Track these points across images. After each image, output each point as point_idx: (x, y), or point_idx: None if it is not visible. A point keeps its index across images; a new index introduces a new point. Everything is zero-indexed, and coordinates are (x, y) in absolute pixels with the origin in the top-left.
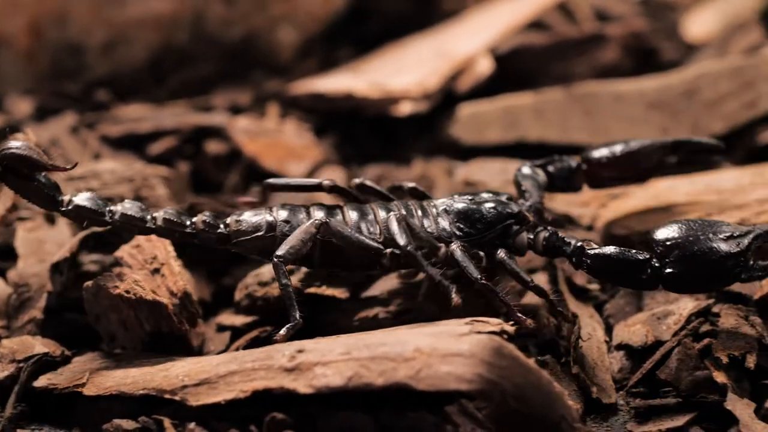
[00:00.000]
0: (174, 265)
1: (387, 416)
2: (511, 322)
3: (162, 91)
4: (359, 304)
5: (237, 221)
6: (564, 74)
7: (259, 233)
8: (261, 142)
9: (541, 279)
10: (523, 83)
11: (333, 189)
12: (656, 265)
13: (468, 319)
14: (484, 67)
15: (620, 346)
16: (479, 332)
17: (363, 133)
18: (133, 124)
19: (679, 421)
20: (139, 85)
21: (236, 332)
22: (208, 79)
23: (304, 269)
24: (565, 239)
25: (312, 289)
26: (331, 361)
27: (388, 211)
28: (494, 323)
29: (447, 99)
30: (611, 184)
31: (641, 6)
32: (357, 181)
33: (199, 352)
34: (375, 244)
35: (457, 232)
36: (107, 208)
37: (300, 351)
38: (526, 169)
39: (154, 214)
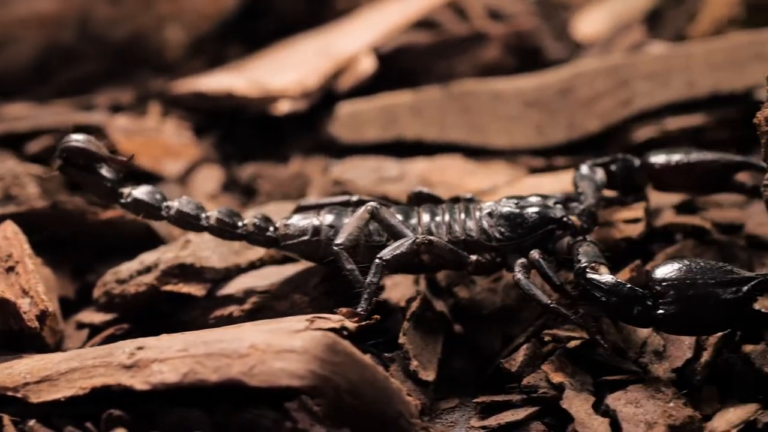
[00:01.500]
0: (28, 264)
1: (223, 412)
2: (354, 320)
3: (47, 90)
4: (216, 302)
5: (285, 225)
6: (447, 73)
7: (305, 237)
8: (137, 140)
9: None
10: (406, 82)
11: (361, 202)
12: (650, 304)
13: (309, 316)
14: (367, 66)
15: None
16: (318, 329)
17: (245, 131)
18: (12, 123)
19: (519, 415)
20: (24, 84)
21: (94, 330)
22: (94, 78)
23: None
24: (581, 255)
25: (168, 287)
26: (168, 357)
27: (433, 214)
28: (335, 320)
29: (329, 98)
30: (675, 190)
31: (535, 5)
32: (416, 190)
33: (56, 350)
34: (408, 233)
35: (498, 236)
36: (164, 203)
37: (140, 348)
38: (585, 169)
39: (208, 213)
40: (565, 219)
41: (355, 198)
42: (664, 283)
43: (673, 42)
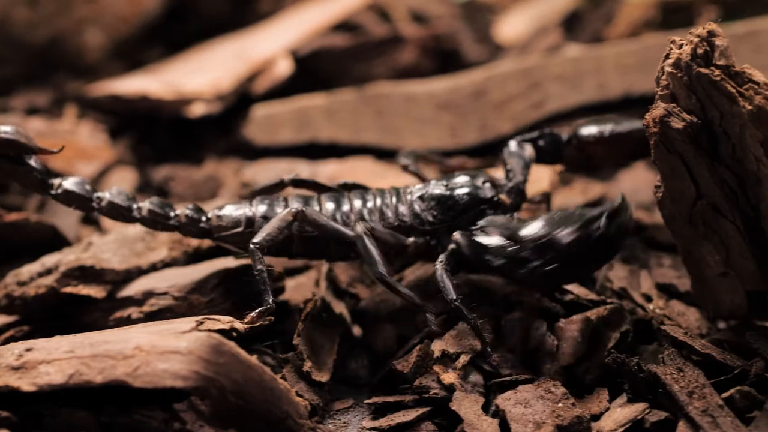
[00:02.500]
0: None
1: (110, 413)
2: (245, 321)
3: None
4: (116, 304)
5: (218, 216)
6: (364, 75)
7: (239, 229)
8: (51, 143)
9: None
10: (324, 84)
11: (298, 183)
12: (535, 264)
13: (200, 317)
14: (283, 68)
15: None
16: (208, 330)
17: (162, 134)
18: None
19: (410, 416)
20: None
21: None
22: (12, 81)
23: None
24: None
25: (68, 289)
26: (55, 359)
27: (364, 200)
28: (224, 321)
29: (245, 100)
30: (599, 162)
31: (459, 8)
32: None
33: None
34: (348, 233)
35: (430, 219)
36: (95, 195)
37: (28, 350)
38: (513, 146)
39: (140, 204)
40: (494, 198)
41: (287, 178)
42: (538, 241)
43: (591, 44)
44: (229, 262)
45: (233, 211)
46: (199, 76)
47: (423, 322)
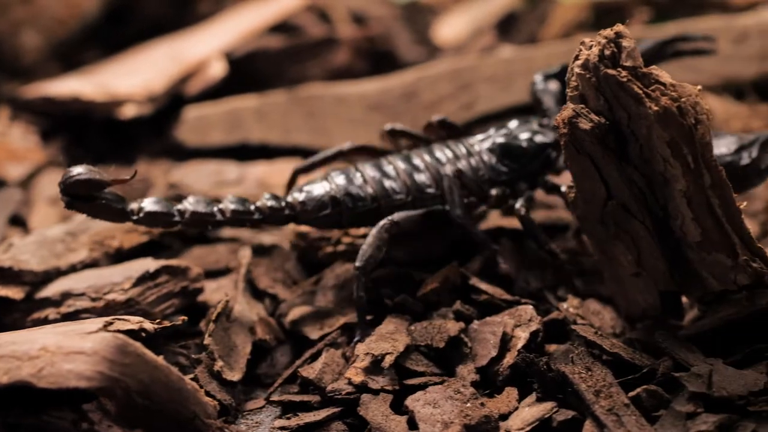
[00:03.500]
0: None
1: (16, 414)
2: (156, 322)
3: None
4: (34, 305)
5: (301, 202)
6: (299, 77)
7: (326, 211)
8: None
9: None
10: (259, 86)
11: (356, 150)
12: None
13: (110, 318)
14: (217, 70)
15: (293, 336)
16: (117, 330)
17: (95, 135)
18: None
19: (320, 415)
20: None
21: None
22: None
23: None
24: None
25: None
26: None
27: (434, 156)
28: (134, 321)
29: (180, 102)
30: None
31: (400, 9)
32: (388, 126)
33: None
34: (440, 208)
35: (504, 169)
36: (175, 209)
37: None
38: (540, 83)
39: (220, 207)
40: (557, 140)
41: (346, 146)
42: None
43: (523, 45)
44: (148, 263)
45: (314, 191)
46: (132, 77)
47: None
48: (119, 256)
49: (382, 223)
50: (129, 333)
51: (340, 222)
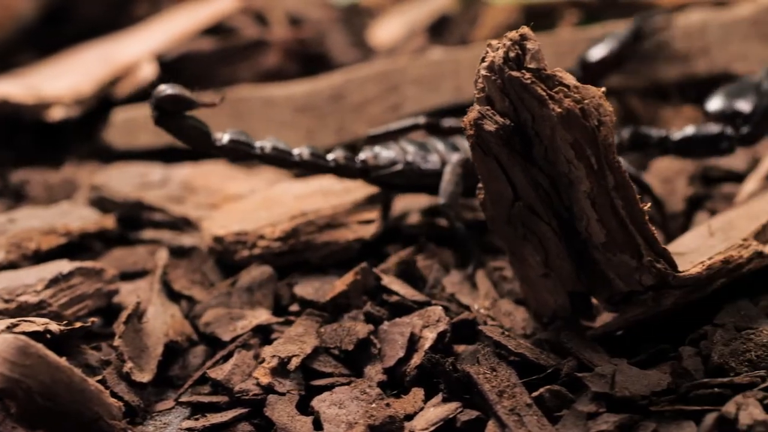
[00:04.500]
0: None
1: None
2: (63, 323)
3: None
4: None
5: (374, 156)
6: (230, 79)
7: (398, 167)
8: None
9: None
10: (189, 88)
11: (428, 126)
12: (730, 133)
13: (15, 319)
14: (147, 72)
15: (206, 338)
16: (22, 332)
17: (25, 137)
18: None
19: (227, 416)
20: None
21: None
22: None
23: None
24: (649, 132)
25: None
26: None
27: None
28: (39, 323)
29: (111, 104)
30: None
31: (338, 11)
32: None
33: None
34: None
35: None
36: (257, 142)
37: None
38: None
39: (299, 150)
40: None
41: (422, 121)
42: (728, 109)
43: (451, 47)
44: (62, 265)
45: (387, 151)
46: (61, 80)
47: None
48: (37, 257)
49: (454, 159)
50: (34, 334)
51: (406, 183)
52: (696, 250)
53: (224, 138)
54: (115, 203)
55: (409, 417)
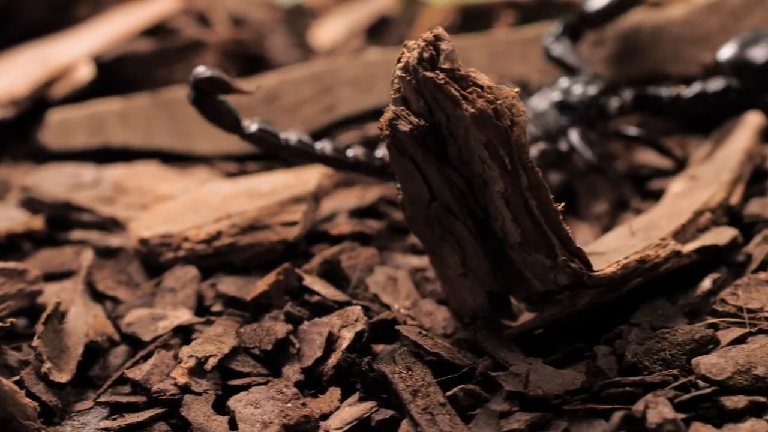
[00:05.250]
0: None
1: None
2: None
3: None
4: None
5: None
6: (167, 80)
7: None
8: None
9: None
10: (127, 89)
11: None
12: (737, 87)
13: None
14: (84, 73)
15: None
16: None
17: None
18: None
19: (143, 416)
20: None
21: None
22: None
23: None
24: (659, 92)
25: None
26: None
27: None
28: None
29: (45, 105)
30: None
31: (282, 12)
32: None
33: None
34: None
35: (565, 122)
36: (281, 135)
37: None
38: (557, 48)
39: (321, 145)
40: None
41: None
42: (736, 62)
43: (387, 48)
44: None
45: None
46: None
47: None
48: None
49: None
50: None
51: None
52: (616, 249)
53: (252, 126)
54: (44, 204)
55: (325, 416)
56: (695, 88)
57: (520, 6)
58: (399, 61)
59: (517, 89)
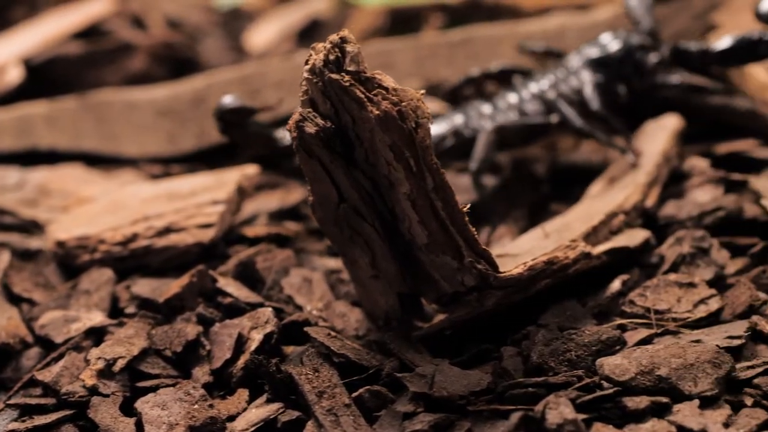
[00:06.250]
0: None
1: None
2: None
3: None
4: None
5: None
6: (97, 82)
7: (449, 144)
8: None
9: None
10: (57, 92)
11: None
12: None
13: None
14: (13, 75)
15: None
16: None
17: None
18: None
19: (51, 418)
20: None
21: None
22: None
23: None
24: (688, 47)
25: None
26: None
27: (537, 84)
28: None
29: None
30: None
31: (218, 14)
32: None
33: None
34: (542, 120)
35: (601, 79)
36: None
37: None
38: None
39: None
40: (644, 42)
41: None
42: None
43: None
44: None
45: (435, 128)
46: None
47: None
48: None
49: (489, 127)
50: None
51: (463, 153)
52: (529, 251)
53: (287, 137)
54: None
55: (233, 418)
56: (725, 41)
57: (449, 9)
58: (307, 63)
59: (422, 91)
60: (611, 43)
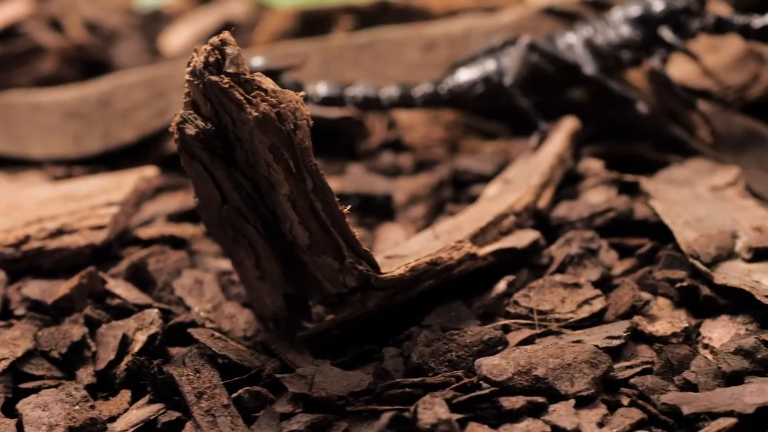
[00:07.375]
0: None
1: None
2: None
3: None
4: None
5: (456, 85)
6: (6, 84)
7: (480, 91)
8: None
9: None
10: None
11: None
12: None
13: None
14: None
15: None
16: None
17: None
18: None
19: None
20: None
21: None
22: None
23: None
24: (731, 19)
25: None
26: None
27: (575, 34)
28: None
29: None
30: None
31: (139, 17)
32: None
33: None
34: (573, 59)
35: (637, 39)
36: (347, 91)
37: None
38: None
39: (386, 92)
40: (688, 5)
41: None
42: None
43: None
44: None
45: (465, 75)
46: None
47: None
48: None
49: (523, 42)
50: None
51: (495, 101)
52: (418, 252)
53: (317, 96)
54: None
55: (114, 419)
56: (766, 18)
57: (359, 11)
58: (188, 65)
59: (302, 93)
60: (656, 2)
